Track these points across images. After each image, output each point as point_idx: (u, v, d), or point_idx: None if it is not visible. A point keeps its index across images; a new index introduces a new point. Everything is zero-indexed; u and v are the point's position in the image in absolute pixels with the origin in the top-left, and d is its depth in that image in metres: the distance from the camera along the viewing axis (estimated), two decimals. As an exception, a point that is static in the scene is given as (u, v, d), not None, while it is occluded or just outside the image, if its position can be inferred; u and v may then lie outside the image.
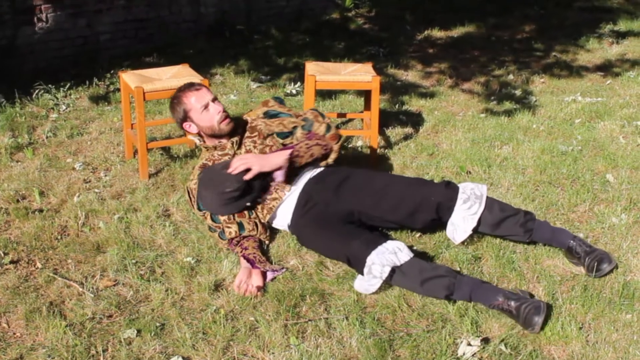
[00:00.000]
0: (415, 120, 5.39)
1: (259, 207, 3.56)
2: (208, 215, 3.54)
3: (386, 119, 5.26)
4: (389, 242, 3.06)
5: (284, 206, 3.55)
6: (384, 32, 8.68)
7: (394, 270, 3.01)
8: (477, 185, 3.42)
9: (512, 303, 2.86)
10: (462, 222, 3.34)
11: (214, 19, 8.03)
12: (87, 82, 6.19)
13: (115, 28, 7.11)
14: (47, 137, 4.96)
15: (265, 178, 3.50)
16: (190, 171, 4.01)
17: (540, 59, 7.52)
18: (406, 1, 10.01)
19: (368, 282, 3.02)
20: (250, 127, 3.79)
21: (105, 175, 4.34)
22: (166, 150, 4.68)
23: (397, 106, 5.76)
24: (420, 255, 3.35)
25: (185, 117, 3.69)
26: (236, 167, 3.42)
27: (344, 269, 3.26)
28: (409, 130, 5.15)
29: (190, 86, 3.73)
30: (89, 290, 3.13)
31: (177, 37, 7.56)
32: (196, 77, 4.32)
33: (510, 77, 6.75)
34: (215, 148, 3.72)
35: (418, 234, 3.57)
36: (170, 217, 3.81)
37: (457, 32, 8.85)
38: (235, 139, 3.72)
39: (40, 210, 3.87)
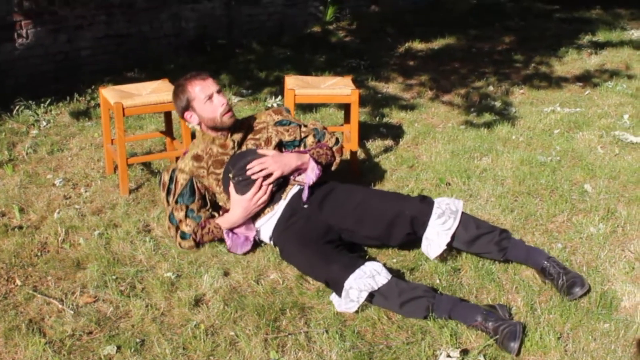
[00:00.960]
0: (395, 132, 5.42)
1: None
2: (168, 213, 3.61)
3: (366, 132, 5.29)
4: (367, 264, 3.06)
5: (268, 220, 3.57)
6: (365, 45, 8.73)
7: (372, 293, 3.02)
8: (452, 201, 3.42)
9: (490, 324, 2.87)
10: (436, 237, 3.34)
11: (195, 33, 8.05)
12: (68, 98, 6.19)
13: (96, 44, 7.11)
14: (27, 154, 4.95)
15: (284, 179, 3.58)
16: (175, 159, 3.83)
17: (520, 70, 7.59)
18: (386, 14, 10.07)
19: (345, 304, 3.03)
20: (256, 129, 3.78)
21: (86, 191, 4.33)
22: (147, 165, 4.68)
23: (377, 119, 5.79)
24: (399, 270, 3.38)
25: (188, 106, 3.63)
26: (255, 171, 3.46)
27: (324, 282, 3.27)
28: (389, 142, 5.18)
29: (196, 75, 3.66)
30: (68, 307, 3.12)
31: (158, 52, 7.57)
32: (176, 92, 4.32)
33: (490, 88, 6.80)
34: (214, 140, 3.68)
35: (397, 247, 3.58)
36: (150, 233, 3.81)
37: (437, 44, 8.91)
38: (237, 137, 3.70)
39: (20, 227, 3.85)
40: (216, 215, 3.64)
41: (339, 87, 4.53)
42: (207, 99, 3.58)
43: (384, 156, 4.90)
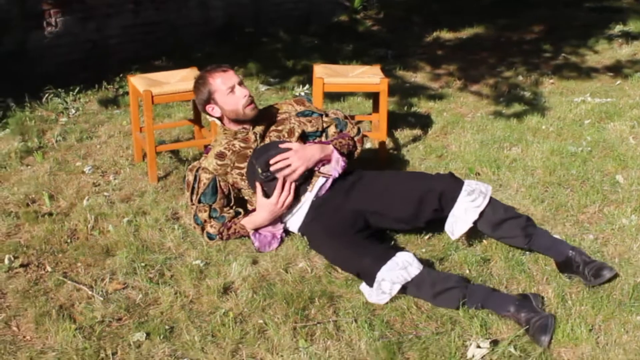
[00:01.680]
0: (424, 121, 5.38)
1: None
2: (193, 212, 3.60)
3: (395, 121, 5.25)
4: (399, 255, 3.05)
5: (297, 212, 3.57)
6: (392, 34, 8.68)
7: (405, 285, 3.00)
8: (482, 183, 3.41)
9: (522, 315, 2.84)
10: (463, 213, 3.31)
11: (223, 22, 8.04)
12: (97, 86, 6.22)
13: (124, 32, 7.13)
14: (56, 141, 4.98)
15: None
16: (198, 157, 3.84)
17: (549, 59, 7.50)
18: (413, 3, 10.00)
19: (377, 296, 3.01)
20: (278, 120, 3.78)
21: (115, 179, 4.35)
22: (175, 153, 4.69)
23: (405, 108, 5.75)
24: (429, 260, 3.35)
25: (210, 99, 3.64)
26: (279, 167, 3.45)
27: (352, 272, 3.26)
28: (417, 132, 5.15)
29: (217, 67, 3.67)
30: (98, 293, 3.14)
31: (186, 41, 7.58)
32: (204, 80, 4.32)
33: (520, 78, 6.73)
34: (236, 134, 3.68)
35: (427, 236, 3.56)
36: (179, 220, 3.82)
37: (465, 33, 8.84)
38: (259, 129, 3.69)
39: (50, 214, 3.88)
40: (241, 212, 3.62)
41: (367, 76, 4.51)
42: (229, 90, 3.59)
43: (412, 145, 4.87)
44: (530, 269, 3.29)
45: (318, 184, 3.56)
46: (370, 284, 3.03)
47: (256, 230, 3.52)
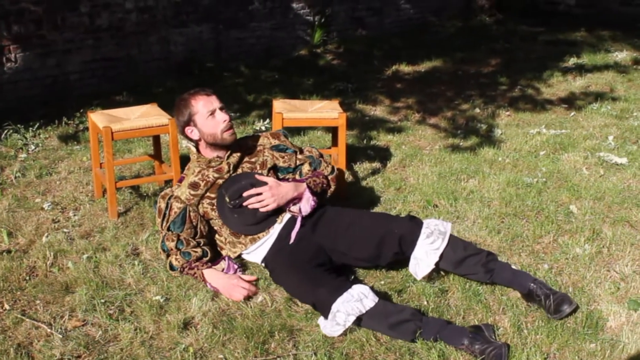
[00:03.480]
0: (382, 155, 5.45)
1: (243, 235, 3.63)
2: (161, 238, 3.61)
3: (354, 154, 5.32)
4: (355, 287, 3.09)
5: (263, 244, 3.61)
6: (352, 68, 8.78)
7: (360, 316, 3.03)
8: (441, 222, 3.47)
9: (477, 347, 2.89)
10: (424, 256, 3.37)
11: (184, 57, 8.08)
12: (57, 122, 6.20)
13: (85, 67, 7.14)
14: (15, 178, 4.95)
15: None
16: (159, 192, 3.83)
17: (505, 92, 7.64)
18: (374, 37, 10.14)
19: (331, 327, 3.04)
20: (253, 152, 3.83)
21: (74, 215, 4.34)
22: (135, 188, 4.69)
23: (365, 141, 5.82)
24: (387, 292, 3.39)
25: (189, 121, 3.67)
26: (251, 202, 3.55)
27: (312, 305, 3.28)
28: (376, 165, 5.21)
29: (200, 90, 3.72)
30: (57, 331, 3.12)
31: (147, 76, 7.60)
32: (164, 116, 4.36)
33: (477, 110, 6.85)
34: (209, 163, 3.71)
35: (386, 268, 3.60)
36: (139, 256, 3.82)
37: (424, 66, 8.97)
38: (233, 159, 3.73)
39: (9, 251, 3.85)
40: (208, 253, 3.59)
41: (326, 111, 4.57)
42: (210, 114, 3.64)
43: (371, 179, 4.93)
44: (487, 299, 3.35)
45: (287, 216, 3.62)
46: (325, 315, 3.06)
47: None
